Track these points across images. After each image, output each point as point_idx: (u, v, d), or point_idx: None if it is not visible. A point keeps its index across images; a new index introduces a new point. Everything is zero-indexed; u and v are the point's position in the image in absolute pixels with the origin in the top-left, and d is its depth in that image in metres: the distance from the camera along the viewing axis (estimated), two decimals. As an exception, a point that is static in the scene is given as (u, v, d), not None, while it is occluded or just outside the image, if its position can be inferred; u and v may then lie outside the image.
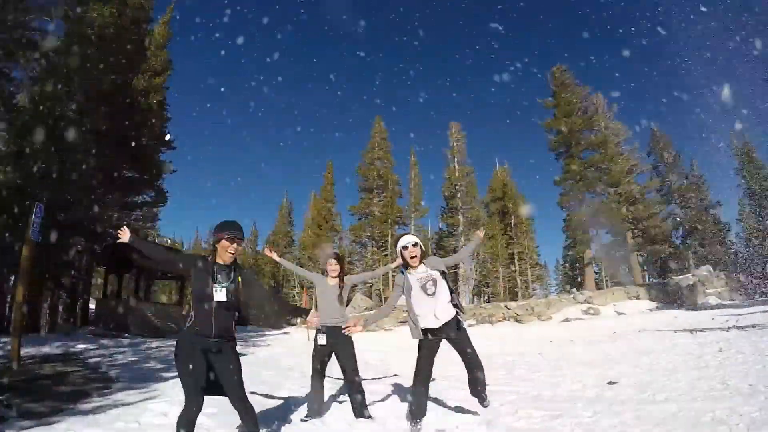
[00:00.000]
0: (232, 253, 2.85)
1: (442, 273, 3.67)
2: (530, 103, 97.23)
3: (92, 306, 18.81)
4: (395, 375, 6.87)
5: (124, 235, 2.84)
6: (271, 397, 5.06)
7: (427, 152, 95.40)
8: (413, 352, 3.71)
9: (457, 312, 3.61)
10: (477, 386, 3.66)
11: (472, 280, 32.03)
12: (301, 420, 4.02)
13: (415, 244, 3.68)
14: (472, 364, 3.63)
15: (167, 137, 18.22)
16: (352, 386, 4.10)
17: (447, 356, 4.27)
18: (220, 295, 2.73)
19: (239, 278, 2.84)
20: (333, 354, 4.15)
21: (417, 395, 3.65)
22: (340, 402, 4.76)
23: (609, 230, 30.53)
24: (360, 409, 4.07)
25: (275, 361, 8.88)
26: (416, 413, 3.66)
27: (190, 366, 2.61)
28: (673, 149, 33.45)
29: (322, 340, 4.11)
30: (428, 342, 3.59)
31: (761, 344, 6.91)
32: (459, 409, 4.32)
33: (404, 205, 34.06)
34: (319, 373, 4.15)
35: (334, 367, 4.27)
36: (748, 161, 29.96)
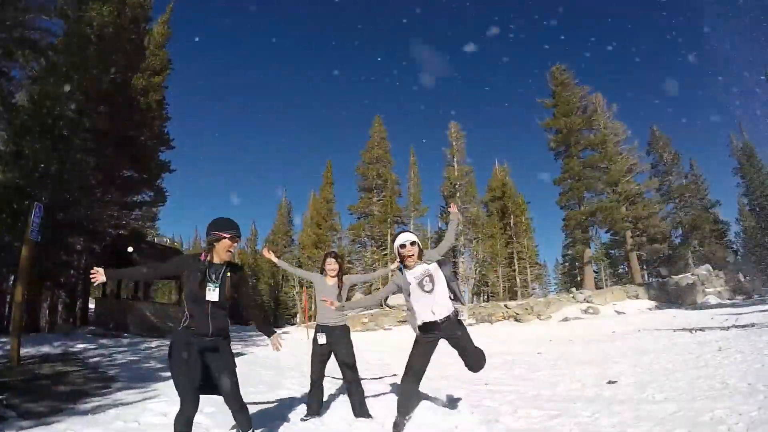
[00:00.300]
0: (232, 252, 2.84)
1: (440, 262, 3.60)
2: (530, 102, 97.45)
3: (92, 306, 18.80)
4: (395, 375, 6.87)
5: (99, 277, 2.65)
6: (271, 396, 5.07)
7: (427, 151, 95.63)
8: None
9: (456, 309, 3.56)
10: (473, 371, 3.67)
11: (472, 279, 32.01)
12: (301, 419, 4.02)
13: (413, 243, 3.57)
14: (473, 364, 3.60)
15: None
16: (351, 386, 4.10)
17: (446, 356, 4.27)
18: (213, 294, 2.72)
19: (228, 275, 2.81)
20: (332, 353, 4.16)
21: (405, 392, 3.62)
22: (340, 401, 4.76)
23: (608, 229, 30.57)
24: (359, 409, 4.08)
25: (275, 361, 8.88)
26: (402, 410, 3.62)
27: (186, 366, 2.61)
28: (672, 148, 33.50)
29: (322, 339, 4.12)
30: (424, 338, 3.53)
31: (760, 343, 6.92)
32: (459, 409, 4.32)
33: (403, 204, 34.07)
34: (318, 372, 4.15)
35: (333, 367, 4.27)
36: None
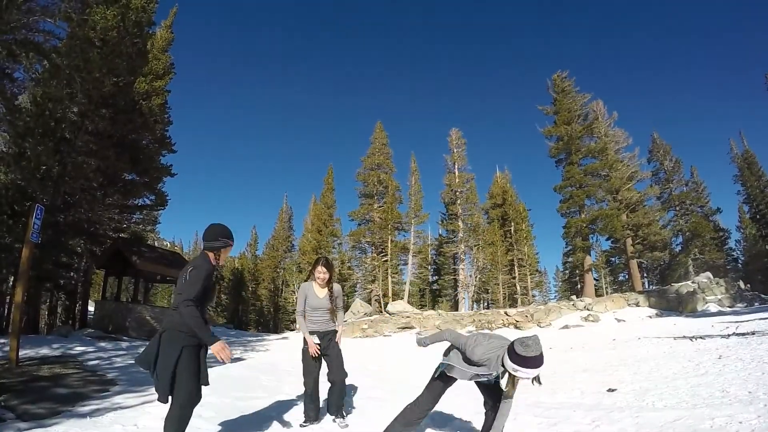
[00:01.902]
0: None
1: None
2: (532, 109, 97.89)
3: (91, 308, 18.77)
4: (394, 389, 6.85)
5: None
6: (270, 401, 5.05)
7: (428, 157, 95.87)
8: (412, 360, 3.68)
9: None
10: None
11: (472, 286, 31.96)
12: (300, 425, 4.01)
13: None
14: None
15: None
16: (335, 385, 4.07)
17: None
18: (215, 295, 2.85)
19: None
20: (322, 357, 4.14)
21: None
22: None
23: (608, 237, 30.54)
24: (335, 409, 4.08)
25: (274, 366, 8.85)
26: None
27: (198, 368, 2.81)
28: (673, 155, 33.57)
29: (316, 338, 4.10)
30: (446, 380, 3.23)
31: (760, 351, 6.89)
32: (458, 416, 4.31)
33: (404, 211, 34.06)
34: (311, 374, 4.10)
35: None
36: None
